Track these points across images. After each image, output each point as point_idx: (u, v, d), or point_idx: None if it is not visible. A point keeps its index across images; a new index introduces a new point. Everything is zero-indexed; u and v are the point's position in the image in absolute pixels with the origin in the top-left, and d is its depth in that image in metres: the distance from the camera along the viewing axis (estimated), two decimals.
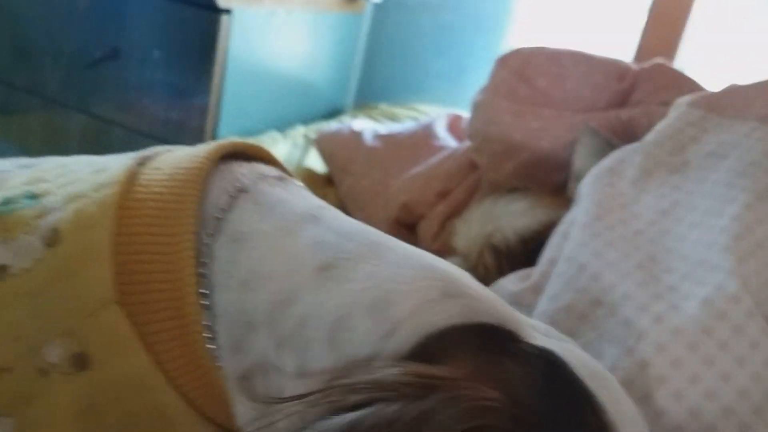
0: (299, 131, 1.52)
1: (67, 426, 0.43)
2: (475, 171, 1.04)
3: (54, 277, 0.43)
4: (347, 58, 1.80)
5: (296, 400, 0.37)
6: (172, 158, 0.49)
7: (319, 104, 1.74)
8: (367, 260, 0.43)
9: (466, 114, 1.19)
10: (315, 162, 1.36)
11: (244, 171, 0.48)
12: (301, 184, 0.53)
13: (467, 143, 1.08)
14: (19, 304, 0.43)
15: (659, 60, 1.04)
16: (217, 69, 1.36)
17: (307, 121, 1.61)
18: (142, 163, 0.48)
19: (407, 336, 0.39)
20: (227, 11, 1.32)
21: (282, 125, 1.53)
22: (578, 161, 0.88)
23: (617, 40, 1.57)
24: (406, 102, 1.81)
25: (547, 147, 0.93)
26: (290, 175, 0.53)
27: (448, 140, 1.21)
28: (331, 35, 1.70)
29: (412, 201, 1.09)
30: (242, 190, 0.47)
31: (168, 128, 1.42)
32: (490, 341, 0.38)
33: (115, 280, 0.43)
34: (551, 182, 0.95)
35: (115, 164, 0.48)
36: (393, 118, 1.67)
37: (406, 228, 1.11)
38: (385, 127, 1.31)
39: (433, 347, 0.38)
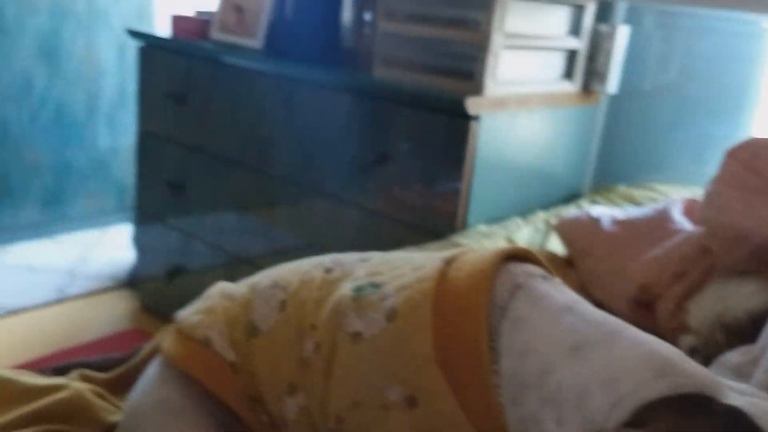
0: (540, 217, 1.67)
1: None
2: (709, 254, 1.11)
3: (394, 342, 0.65)
4: (584, 146, 1.93)
5: None
6: (468, 261, 0.69)
7: (558, 190, 1.87)
8: (605, 345, 0.58)
9: (700, 197, 1.26)
10: (555, 245, 1.50)
11: (518, 271, 0.67)
12: (560, 280, 0.70)
13: (701, 228, 1.16)
14: (369, 359, 0.65)
15: None
16: (467, 165, 1.56)
17: (547, 206, 1.76)
18: (448, 263, 0.69)
19: (627, 407, 0.53)
20: (476, 117, 1.53)
21: (524, 211, 1.70)
22: None
23: None
24: (643, 182, 1.88)
25: None
26: (552, 273, 0.71)
27: (683, 224, 1.28)
28: (569, 127, 1.84)
29: (649, 282, 1.19)
30: (518, 287, 0.65)
31: (426, 217, 1.64)
32: (688, 406, 0.51)
33: (434, 346, 0.63)
34: None
35: (428, 263, 0.69)
36: (631, 199, 1.76)
37: (644, 307, 1.20)
38: (623, 212, 1.41)
39: (645, 415, 0.53)
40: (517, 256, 0.71)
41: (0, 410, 0.85)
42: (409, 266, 0.71)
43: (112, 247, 2.84)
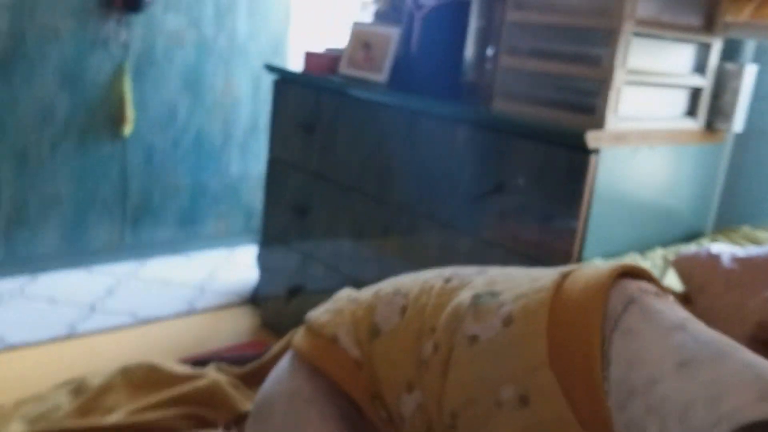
0: (658, 253, 1.65)
1: None
2: None
3: (509, 345, 0.70)
4: (708, 185, 1.89)
5: None
6: (584, 275, 0.74)
7: (678, 228, 1.84)
8: (712, 365, 0.60)
9: None
10: (672, 281, 1.49)
11: (632, 287, 0.71)
12: (673, 299, 0.73)
13: None
14: (485, 360, 0.70)
15: None
16: (584, 200, 1.57)
17: (666, 244, 1.74)
18: (564, 276, 0.74)
19: (727, 427, 0.55)
20: (596, 151, 1.55)
21: (642, 247, 1.68)
22: None
23: None
24: None
25: None
26: (665, 290, 0.74)
27: None
28: (692, 164, 1.82)
29: None
30: (632, 301, 0.69)
31: (540, 250, 1.65)
32: None
33: (548, 351, 0.68)
34: None
35: (545, 276, 0.74)
36: (755, 240, 1.71)
37: (763, 345, 1.17)
38: (744, 251, 1.39)
39: None
40: (632, 273, 0.75)
41: (147, 392, 0.96)
42: (526, 278, 0.76)
43: (239, 266, 3.02)
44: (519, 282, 0.76)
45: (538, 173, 1.64)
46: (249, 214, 3.23)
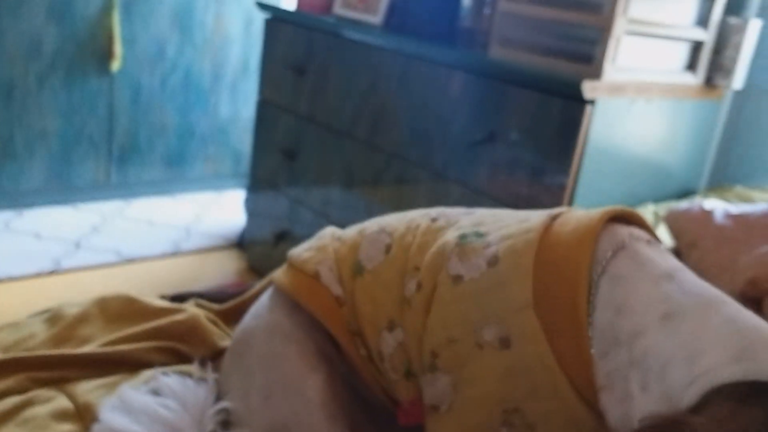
0: (649, 209, 1.64)
1: (490, 382, 0.66)
2: None
3: (493, 285, 0.67)
4: (703, 142, 1.87)
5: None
6: (574, 217, 0.71)
7: (671, 185, 1.83)
8: (695, 319, 0.58)
9: None
10: (663, 237, 1.47)
11: (623, 232, 0.68)
12: (665, 246, 0.71)
13: None
14: (468, 300, 0.68)
15: None
16: (577, 151, 1.54)
17: (658, 200, 1.72)
18: (553, 218, 0.71)
19: (699, 388, 0.54)
20: (591, 101, 1.52)
21: (633, 203, 1.66)
22: None
23: None
24: (764, 185, 1.81)
25: None
26: (658, 239, 0.71)
27: None
28: (689, 121, 1.79)
29: (759, 277, 1.15)
30: (622, 247, 0.66)
31: (528, 203, 1.64)
32: (755, 394, 0.50)
33: (533, 293, 0.65)
34: None
35: (534, 217, 0.72)
36: (748, 200, 1.70)
37: (752, 303, 1.16)
38: (737, 207, 1.37)
39: (710, 398, 0.53)
40: (625, 218, 0.72)
41: (123, 324, 0.94)
42: (514, 219, 0.74)
43: (226, 209, 2.99)
44: (506, 223, 0.73)
45: (531, 123, 1.61)
46: (238, 157, 3.18)
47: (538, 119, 1.60)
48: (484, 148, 1.70)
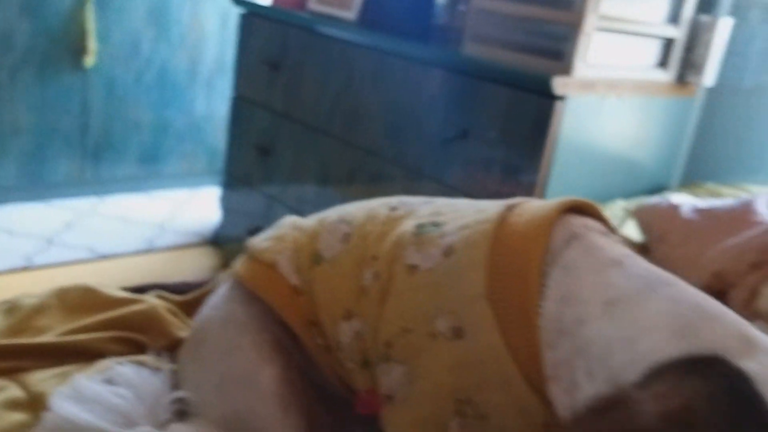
0: (619, 204, 1.64)
1: (442, 373, 0.66)
2: None
3: (448, 276, 0.67)
4: (675, 139, 1.88)
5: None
6: (530, 208, 0.71)
7: (642, 182, 1.83)
8: (638, 302, 0.58)
9: None
10: (632, 232, 1.47)
11: (577, 223, 0.68)
12: (620, 237, 0.71)
13: None
14: (423, 290, 0.68)
15: None
16: (548, 149, 1.54)
17: (629, 197, 1.73)
18: (509, 209, 0.71)
19: (641, 367, 0.54)
20: (562, 98, 1.52)
21: (604, 199, 1.67)
22: None
23: None
24: (736, 182, 1.82)
25: None
26: (613, 230, 0.71)
27: (767, 216, 1.24)
28: (661, 118, 1.80)
29: (724, 270, 1.15)
30: (574, 237, 0.66)
31: (501, 199, 1.64)
32: (696, 368, 0.50)
33: (486, 283, 0.65)
34: None
35: (491, 208, 0.71)
36: (718, 197, 1.71)
37: (717, 295, 1.17)
38: (705, 202, 1.38)
39: (654, 374, 0.53)
40: (581, 209, 0.72)
41: (81, 314, 0.93)
42: (471, 210, 0.73)
43: (201, 206, 2.97)
44: (464, 213, 0.73)
45: (504, 119, 1.61)
46: (213, 155, 3.16)
47: (510, 116, 1.60)
48: (458, 144, 1.70)
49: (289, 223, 0.86)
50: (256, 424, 0.76)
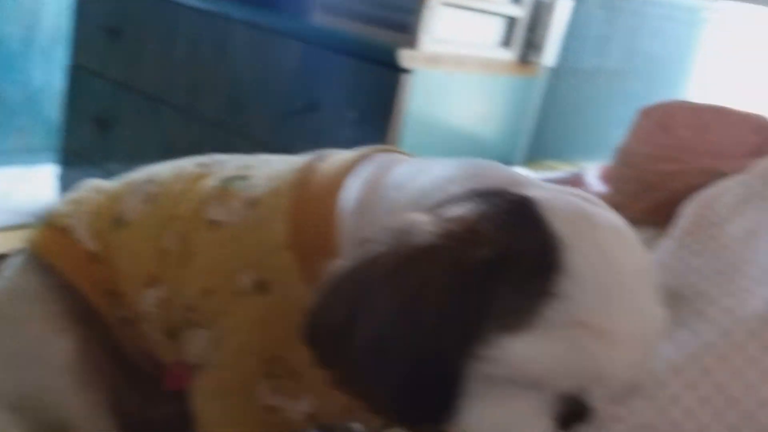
0: None
1: (247, 331, 0.61)
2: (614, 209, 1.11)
3: (250, 229, 0.62)
4: (519, 118, 1.93)
5: None
6: (340, 156, 0.67)
7: (488, 158, 1.86)
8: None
9: None
10: None
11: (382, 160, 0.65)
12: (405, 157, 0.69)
13: (610, 185, 1.16)
14: (226, 246, 0.63)
15: None
16: (394, 121, 1.54)
17: None
18: (319, 159, 0.67)
19: (439, 199, 0.54)
20: (409, 71, 1.51)
21: None
22: None
23: None
24: (577, 160, 1.89)
25: (681, 188, 0.99)
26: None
27: (597, 187, 1.29)
28: (505, 96, 1.84)
29: None
30: (375, 179, 0.63)
31: None
32: (482, 197, 0.51)
33: (289, 232, 0.61)
34: None
35: (301, 159, 0.67)
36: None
37: None
38: (539, 175, 1.41)
39: (438, 205, 0.52)
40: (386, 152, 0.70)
41: None
42: (282, 163, 0.69)
43: (37, 185, 2.75)
44: (276, 166, 0.68)
45: (351, 92, 1.59)
46: (51, 130, 2.92)
47: (357, 88, 1.58)
48: (306, 117, 1.66)
49: (91, 185, 0.78)
50: (51, 400, 0.68)
